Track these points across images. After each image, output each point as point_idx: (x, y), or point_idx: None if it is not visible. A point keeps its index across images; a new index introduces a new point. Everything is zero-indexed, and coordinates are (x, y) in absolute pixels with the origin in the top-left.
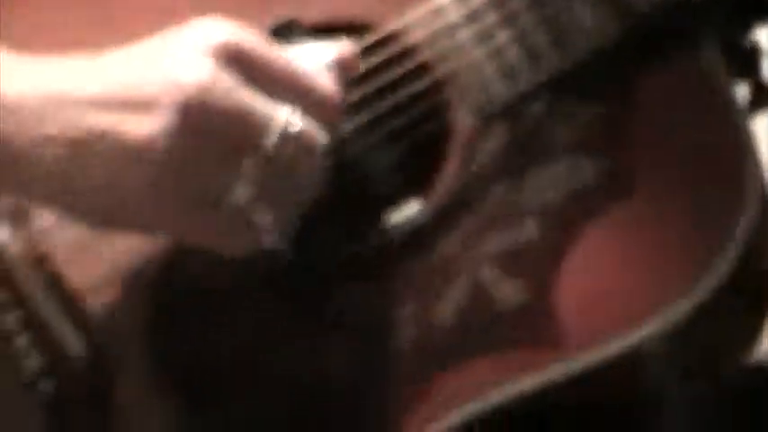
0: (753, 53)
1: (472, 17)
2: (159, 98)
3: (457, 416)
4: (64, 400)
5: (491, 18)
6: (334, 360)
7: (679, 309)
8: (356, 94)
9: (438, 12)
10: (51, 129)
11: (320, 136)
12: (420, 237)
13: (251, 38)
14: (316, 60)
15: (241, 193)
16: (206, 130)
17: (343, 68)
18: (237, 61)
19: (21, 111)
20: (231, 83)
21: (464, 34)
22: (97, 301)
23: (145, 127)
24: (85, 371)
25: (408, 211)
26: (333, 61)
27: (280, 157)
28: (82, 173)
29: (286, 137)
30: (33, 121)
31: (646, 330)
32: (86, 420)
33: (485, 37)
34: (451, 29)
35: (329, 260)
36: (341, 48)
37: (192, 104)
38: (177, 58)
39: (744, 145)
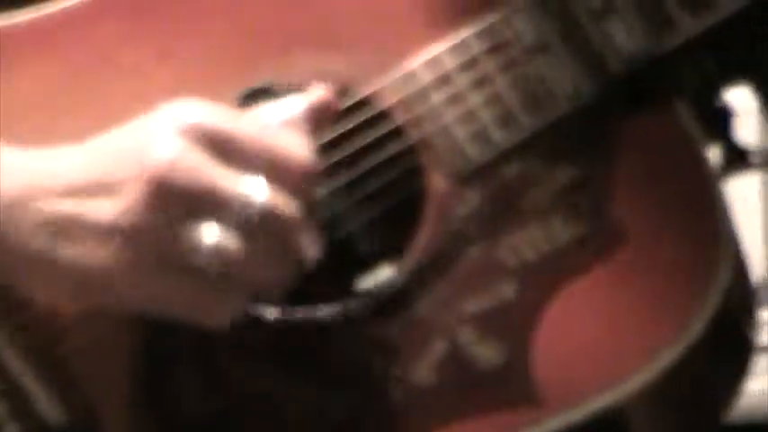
0: (725, 115)
1: (444, 80)
2: (124, 179)
3: None
4: None
5: (463, 81)
6: (319, 422)
7: (656, 368)
8: (332, 157)
9: (411, 76)
10: (27, 220)
11: (290, 203)
12: (397, 299)
13: (220, 116)
14: (289, 113)
15: (207, 261)
16: (168, 207)
17: (318, 114)
18: (205, 140)
19: (3, 206)
20: (197, 161)
21: (436, 98)
22: (82, 366)
23: (107, 209)
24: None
25: (383, 274)
26: (307, 109)
27: (246, 227)
28: (56, 257)
29: (250, 207)
30: (17, 213)
31: (625, 389)
32: None
33: (457, 100)
34: (424, 93)
35: (311, 321)
36: (313, 95)
37: (154, 181)
38: (147, 140)
39: (718, 205)
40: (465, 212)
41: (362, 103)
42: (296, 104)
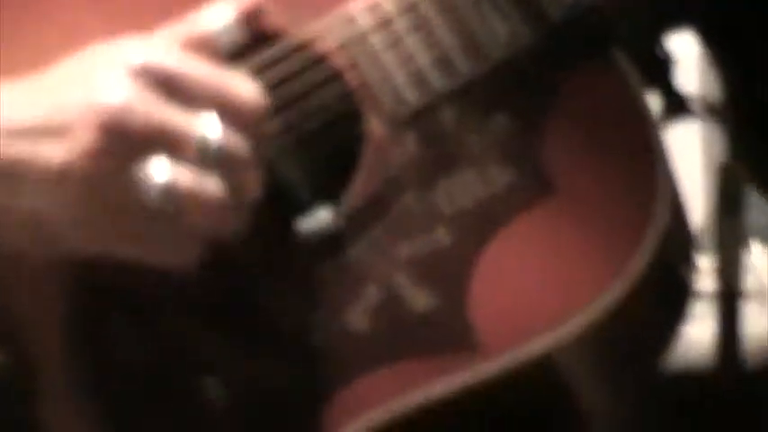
0: (665, 62)
1: (383, 24)
2: (76, 122)
3: (365, 423)
4: None
5: (402, 25)
6: (257, 365)
7: (590, 312)
8: (269, 102)
9: (350, 20)
10: None
11: (242, 141)
12: (332, 243)
13: (168, 54)
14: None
15: (164, 204)
16: (123, 150)
17: (250, 20)
18: (156, 80)
19: None
20: (148, 102)
21: (376, 42)
22: (20, 306)
23: (58, 153)
24: (8, 377)
25: (321, 217)
26: (237, 16)
27: (201, 166)
28: (13, 200)
29: (206, 147)
30: None
31: (558, 335)
32: (12, 425)
33: (396, 44)
34: (362, 36)
35: (247, 264)
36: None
37: (107, 126)
38: (93, 79)
39: (657, 152)
40: (402, 157)
41: (300, 47)
42: (226, 12)
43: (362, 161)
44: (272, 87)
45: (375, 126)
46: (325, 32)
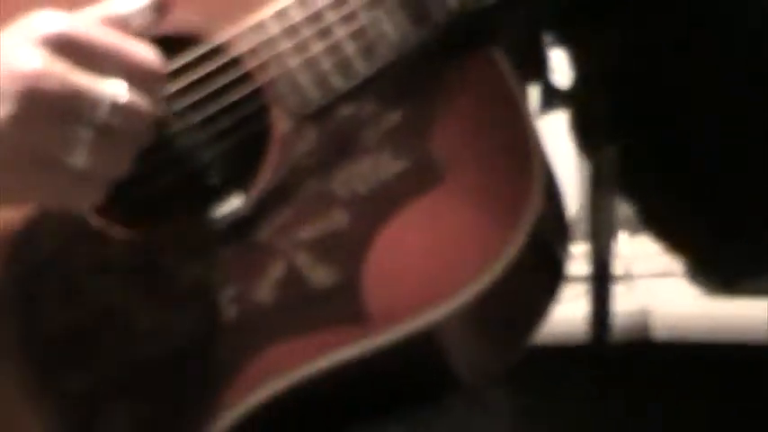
0: (541, 58)
1: (290, 31)
2: None
3: (265, 391)
4: None
5: (307, 32)
6: (175, 335)
7: (472, 290)
8: (188, 99)
9: (261, 26)
10: None
11: (146, 102)
12: (241, 225)
13: (78, 24)
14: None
15: (80, 156)
16: (42, 113)
17: (160, 6)
18: (67, 48)
19: None
20: (62, 69)
21: (283, 47)
22: None
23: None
24: None
25: (232, 203)
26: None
27: (112, 125)
28: None
29: (115, 107)
30: None
31: (443, 309)
32: None
33: (301, 49)
34: (272, 41)
35: (168, 243)
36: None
37: (26, 92)
38: (10, 50)
39: (533, 142)
40: (304, 148)
41: (216, 51)
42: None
43: (269, 152)
44: (191, 86)
45: (281, 121)
46: (238, 37)
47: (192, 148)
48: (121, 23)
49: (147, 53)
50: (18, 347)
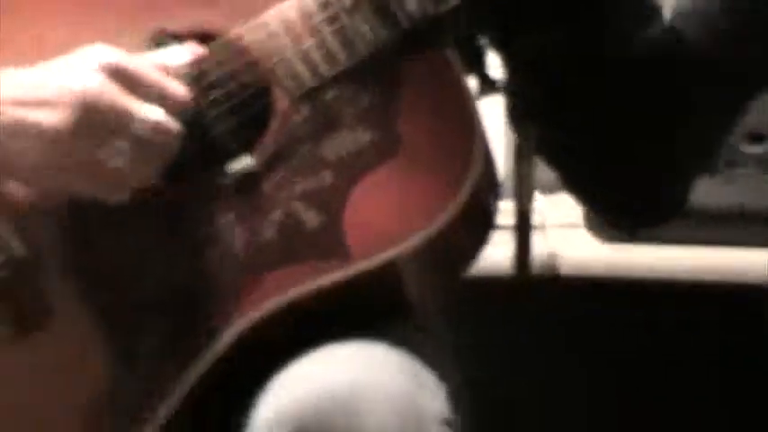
0: (479, 53)
1: (287, 29)
2: (59, 100)
3: (265, 308)
4: (12, 286)
5: (301, 29)
6: (195, 265)
7: (424, 234)
8: (206, 81)
9: (264, 24)
10: None
11: (173, 122)
12: (249, 180)
13: (129, 58)
14: (177, 58)
15: (118, 161)
16: (94, 125)
17: (196, 63)
18: (119, 75)
19: None
20: (114, 91)
21: (282, 41)
22: (36, 216)
23: (47, 118)
24: (27, 266)
25: (243, 161)
26: (189, 60)
27: (148, 140)
28: (14, 148)
29: (151, 126)
30: None
31: (403, 247)
32: (30, 304)
33: (296, 43)
34: (273, 36)
35: (191, 194)
36: (193, 50)
37: (83, 106)
38: (73, 71)
39: (474, 120)
40: (299, 121)
41: (228, 43)
42: (180, 54)
43: (272, 124)
44: (211, 69)
45: (280, 100)
46: (246, 33)
47: (210, 121)
48: (162, 66)
49: (178, 88)
50: (78, 288)
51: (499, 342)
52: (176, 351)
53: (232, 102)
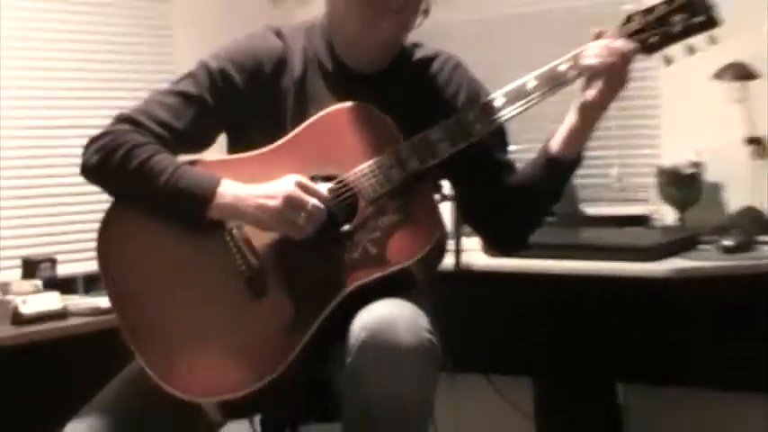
0: (440, 182)
1: (363, 174)
2: (276, 195)
3: (357, 284)
4: (253, 279)
5: (369, 173)
6: (328, 267)
7: (419, 257)
8: (333, 195)
9: (355, 171)
10: (247, 204)
11: (321, 208)
12: (350, 234)
13: (307, 181)
14: (323, 188)
15: (299, 221)
16: (289, 206)
17: (329, 190)
18: (301, 185)
19: (234, 200)
20: (299, 192)
21: (362, 179)
22: (262, 245)
23: (272, 203)
24: (258, 271)
25: (346, 227)
26: (329, 189)
27: (311, 213)
28: (256, 215)
29: (312, 208)
30: (237, 203)
31: (410, 261)
32: (265, 285)
33: (366, 179)
34: (358, 177)
35: (328, 237)
36: (327, 186)
37: (286, 198)
38: (283, 184)
39: (438, 211)
40: (368, 212)
41: (341, 181)
42: (323, 186)
43: (358, 212)
44: (333, 190)
45: (361, 201)
46: (349, 174)
47: (334, 210)
48: (315, 188)
49: (324, 195)
50: (279, 278)
51: (447, 299)
52: (316, 304)
53: (343, 203)
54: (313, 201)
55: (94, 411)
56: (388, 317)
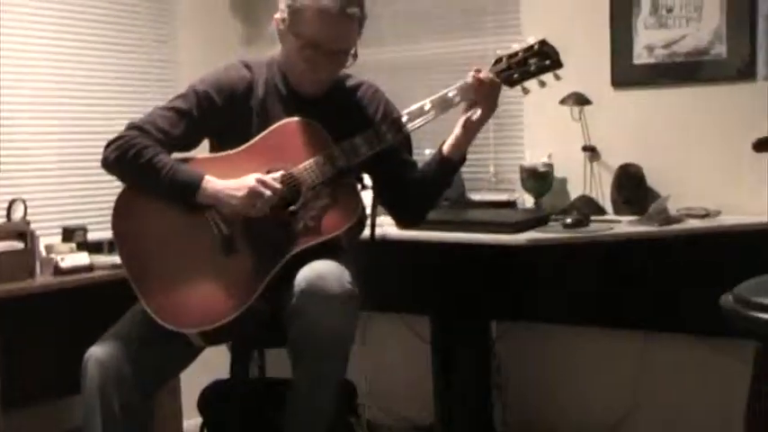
0: (361, 175)
1: (306, 168)
2: (242, 188)
3: (301, 247)
4: (226, 242)
5: (313, 168)
6: (279, 232)
7: (345, 228)
8: (283, 184)
9: (301, 167)
10: (221, 194)
11: (273, 197)
12: (295, 213)
13: (264, 177)
14: (275, 178)
15: (258, 205)
16: (252, 196)
17: (280, 179)
18: (260, 181)
19: (213, 191)
20: (259, 186)
21: (305, 172)
22: (233, 220)
23: (239, 193)
24: (230, 237)
25: (293, 207)
26: (279, 178)
27: (267, 200)
28: (229, 201)
29: (267, 196)
30: (215, 193)
31: (339, 231)
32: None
33: (309, 172)
34: (302, 170)
35: (279, 214)
36: (280, 175)
37: (249, 191)
38: (247, 179)
39: (359, 195)
40: (310, 196)
41: (289, 176)
42: (276, 176)
43: (301, 197)
44: (284, 181)
45: (304, 188)
46: (294, 171)
47: (284, 194)
48: (270, 179)
49: (277, 185)
50: (245, 241)
51: (367, 260)
52: (272, 260)
53: (290, 189)
54: (267, 192)
55: (110, 338)
56: (321, 271)
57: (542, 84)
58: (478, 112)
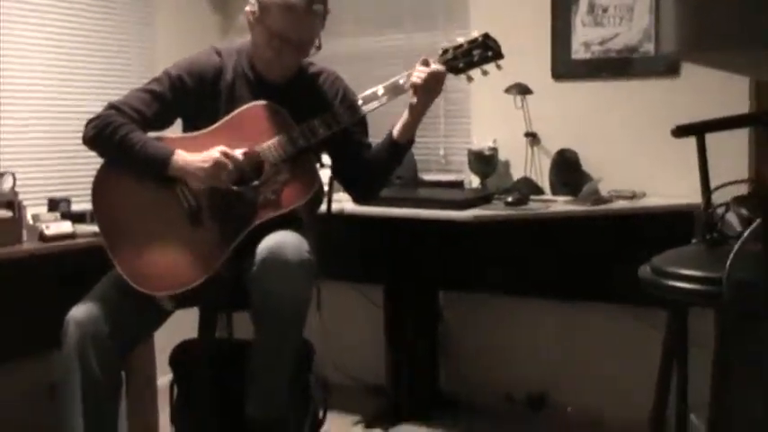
0: (320, 155)
1: (270, 146)
2: (209, 160)
3: (262, 219)
4: (193, 213)
5: (276, 146)
6: (241, 204)
7: (303, 201)
8: (247, 158)
9: (264, 146)
10: (190, 165)
11: (234, 171)
12: (255, 188)
13: (228, 150)
14: (239, 153)
15: (223, 176)
16: (217, 167)
17: (244, 154)
18: (225, 154)
19: (183, 163)
20: (223, 158)
21: (269, 150)
22: (199, 193)
23: (206, 164)
24: (197, 208)
25: (256, 182)
26: (242, 153)
27: (229, 172)
28: (196, 173)
29: (230, 168)
30: (188, 165)
31: (298, 204)
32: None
33: (273, 150)
34: (266, 149)
35: (241, 190)
36: (244, 152)
37: (214, 162)
38: (213, 153)
39: (316, 172)
40: (270, 172)
41: (252, 152)
42: (240, 152)
43: (263, 174)
44: (247, 156)
45: (267, 165)
46: (258, 149)
47: (246, 169)
48: (236, 154)
49: (240, 159)
50: (210, 213)
51: (325, 232)
52: (235, 231)
53: (254, 165)
54: (230, 163)
55: (89, 300)
56: (281, 241)
57: (485, 72)
58: (422, 98)
